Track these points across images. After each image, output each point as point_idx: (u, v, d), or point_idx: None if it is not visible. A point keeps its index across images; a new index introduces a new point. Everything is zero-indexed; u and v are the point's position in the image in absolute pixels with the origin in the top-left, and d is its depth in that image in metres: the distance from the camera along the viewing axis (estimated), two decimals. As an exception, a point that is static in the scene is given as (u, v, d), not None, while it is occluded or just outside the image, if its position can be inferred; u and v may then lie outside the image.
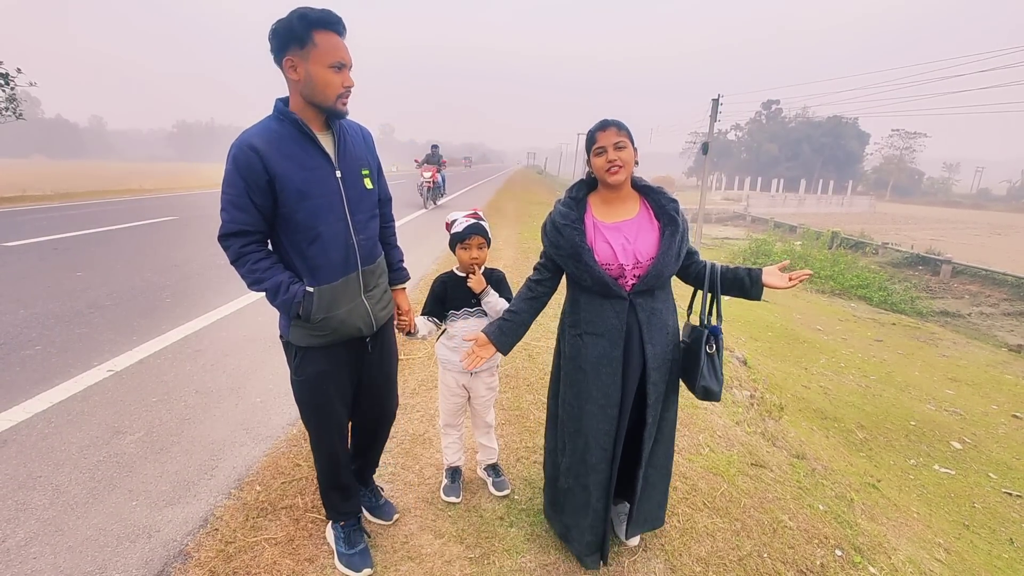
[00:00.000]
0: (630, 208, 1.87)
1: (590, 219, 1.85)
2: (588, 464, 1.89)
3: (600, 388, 1.84)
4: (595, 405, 1.85)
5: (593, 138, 1.80)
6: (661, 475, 2.02)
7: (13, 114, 13.81)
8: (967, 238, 29.96)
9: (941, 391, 7.28)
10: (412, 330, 2.13)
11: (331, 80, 1.51)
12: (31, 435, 2.70)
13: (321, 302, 1.63)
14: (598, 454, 1.87)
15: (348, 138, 1.69)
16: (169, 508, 2.25)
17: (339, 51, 1.51)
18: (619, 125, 1.78)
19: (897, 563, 2.48)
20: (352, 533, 1.94)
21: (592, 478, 1.89)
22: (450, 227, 2.21)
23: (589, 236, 1.82)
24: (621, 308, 1.80)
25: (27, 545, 2.00)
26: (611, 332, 1.81)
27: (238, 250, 1.58)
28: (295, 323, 1.67)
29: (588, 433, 1.87)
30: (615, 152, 1.76)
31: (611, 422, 1.85)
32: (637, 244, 1.80)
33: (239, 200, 1.53)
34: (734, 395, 4.33)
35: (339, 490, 1.95)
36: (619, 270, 1.79)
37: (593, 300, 1.83)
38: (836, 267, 16.80)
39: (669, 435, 1.99)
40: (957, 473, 4.82)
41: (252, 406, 3.17)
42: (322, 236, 1.60)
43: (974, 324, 13.46)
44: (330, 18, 1.49)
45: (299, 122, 1.55)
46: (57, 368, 3.46)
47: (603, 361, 1.83)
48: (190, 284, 5.72)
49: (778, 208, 44.23)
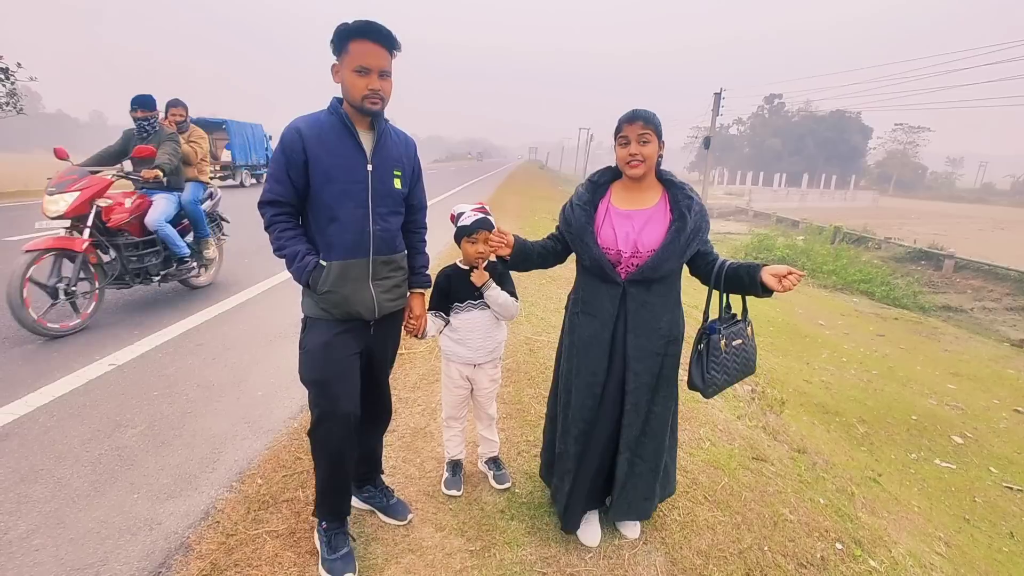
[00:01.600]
0: (649, 198, 1.90)
1: (605, 204, 1.93)
2: (571, 434, 2.00)
3: (588, 365, 1.95)
4: (582, 380, 1.96)
5: (620, 128, 1.83)
6: (649, 468, 2.01)
7: (14, 109, 13.78)
8: (970, 233, 29.85)
9: (943, 386, 7.27)
10: (421, 335, 2.13)
11: (355, 83, 1.67)
12: (33, 428, 2.71)
13: (329, 276, 1.75)
14: (580, 426, 1.98)
15: (389, 140, 1.85)
16: (171, 501, 2.26)
17: (364, 57, 1.65)
18: (647, 118, 1.79)
19: (897, 556, 2.48)
20: (335, 537, 1.91)
21: (572, 448, 2.01)
22: (455, 219, 2.20)
23: (598, 219, 1.90)
24: (615, 293, 1.87)
25: (29, 537, 2.00)
26: (603, 314, 1.90)
27: (271, 218, 1.78)
28: (306, 292, 1.83)
29: (574, 404, 1.98)
30: (638, 146, 1.78)
31: (595, 399, 1.95)
32: (642, 234, 1.83)
33: (279, 174, 1.73)
34: (735, 389, 4.33)
35: (333, 489, 1.91)
36: (617, 256, 1.85)
37: (592, 281, 1.93)
38: (838, 262, 16.76)
39: (659, 430, 1.98)
40: (958, 467, 4.82)
41: (253, 400, 3.17)
42: (340, 218, 1.75)
43: (976, 319, 13.43)
44: (362, 28, 1.64)
45: (343, 117, 1.74)
46: (59, 362, 3.46)
47: (593, 341, 1.93)
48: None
49: (780, 203, 44.10)
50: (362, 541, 2.07)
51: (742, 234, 23.70)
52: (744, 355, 1.98)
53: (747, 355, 1.99)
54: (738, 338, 1.96)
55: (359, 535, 2.09)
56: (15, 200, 11.79)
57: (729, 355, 1.92)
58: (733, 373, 1.96)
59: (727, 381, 1.95)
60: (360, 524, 2.16)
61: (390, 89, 1.74)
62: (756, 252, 18.24)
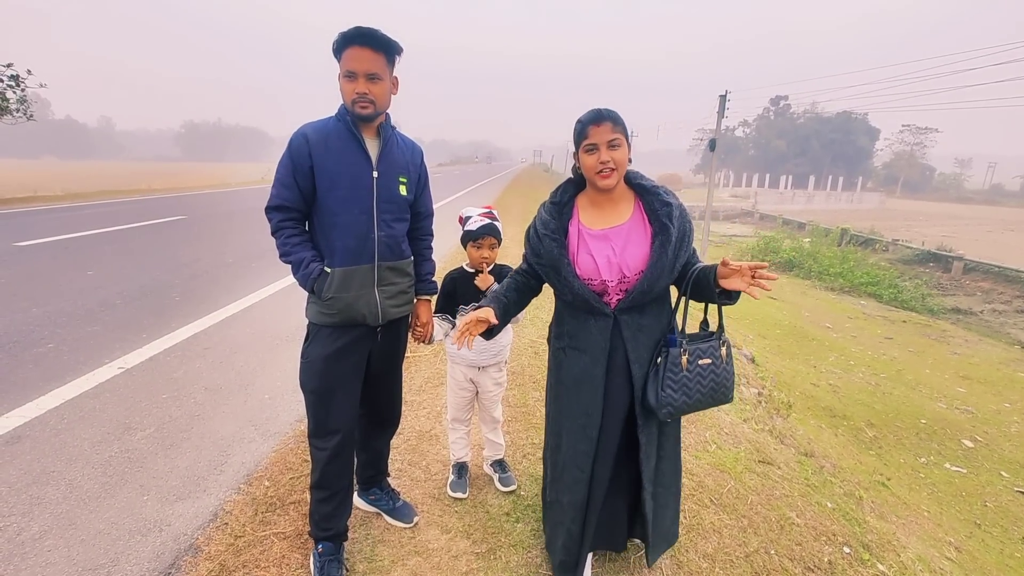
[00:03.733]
0: (622, 211, 1.67)
1: (575, 226, 1.68)
2: (563, 483, 1.77)
3: (580, 406, 1.70)
4: (575, 423, 1.72)
5: (584, 132, 1.58)
6: (670, 491, 1.85)
7: (24, 115, 13.97)
8: (979, 234, 29.59)
9: (952, 389, 7.20)
10: (428, 341, 2.13)
11: (345, 87, 1.70)
12: (44, 431, 2.74)
13: (333, 282, 1.76)
14: (574, 474, 1.73)
15: (394, 147, 1.85)
16: (180, 503, 2.28)
17: (353, 62, 1.66)
18: (615, 119, 1.57)
19: (906, 561, 2.46)
20: (328, 564, 1.86)
21: (567, 497, 1.76)
22: (463, 222, 2.21)
23: (572, 247, 1.66)
24: (605, 325, 1.64)
25: (42, 538, 2.03)
26: (594, 349, 1.66)
27: (277, 223, 1.78)
28: (311, 299, 1.83)
29: (567, 451, 1.74)
30: (608, 152, 1.55)
31: (590, 443, 1.70)
32: (624, 256, 1.62)
33: (286, 179, 1.74)
34: (742, 393, 4.31)
35: (325, 500, 1.87)
36: (602, 286, 1.63)
37: (577, 314, 1.69)
38: (845, 264, 16.66)
39: (673, 450, 1.83)
40: (968, 471, 4.78)
41: (260, 403, 3.20)
42: (344, 224, 1.76)
43: (986, 321, 13.31)
44: (350, 34, 1.65)
45: (350, 123, 1.74)
46: (69, 365, 3.51)
47: (584, 378, 1.69)
48: (198, 283, 5.77)
49: (786, 205, 43.91)
50: (368, 543, 2.08)
51: (748, 236, 23.61)
52: (714, 378, 1.67)
53: (718, 379, 1.67)
54: (706, 357, 1.66)
55: (366, 537, 2.10)
56: (27, 206, 11.94)
57: (693, 375, 1.63)
58: (696, 396, 1.64)
59: (687, 404, 1.64)
60: (366, 526, 2.17)
61: (382, 92, 1.71)
62: (762, 255, 18.17)
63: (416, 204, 1.98)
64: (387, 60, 1.71)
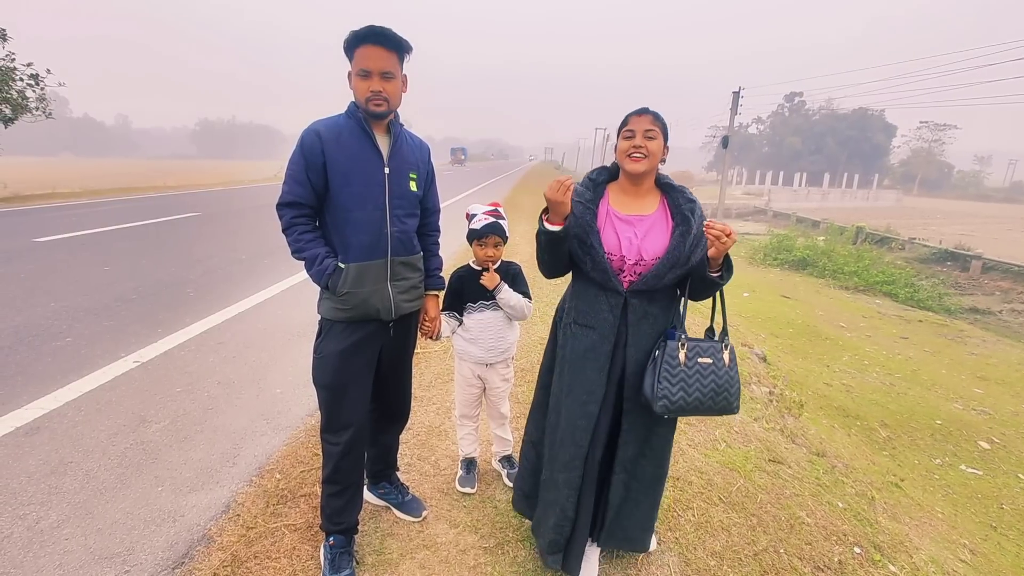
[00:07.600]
0: (648, 204, 1.78)
1: (604, 206, 1.78)
2: (560, 460, 1.81)
3: (583, 383, 1.76)
4: (575, 400, 1.78)
5: (626, 121, 1.74)
6: (646, 491, 1.85)
7: (43, 113, 14.22)
8: (999, 233, 29.00)
9: (969, 390, 7.08)
10: (436, 336, 2.15)
11: (358, 85, 1.71)
12: (62, 423, 2.80)
13: (347, 278, 1.77)
14: (572, 451, 1.78)
15: (404, 144, 1.87)
16: (193, 494, 2.32)
17: (365, 60, 1.68)
18: (656, 116, 1.71)
19: (919, 562, 2.43)
20: (339, 556, 1.88)
21: (563, 476, 1.80)
22: (470, 219, 2.22)
23: (600, 221, 1.75)
24: (616, 303, 1.72)
25: (59, 527, 2.08)
26: (603, 325, 1.73)
27: (290, 220, 1.79)
28: (324, 295, 1.84)
29: (564, 427, 1.80)
30: (643, 139, 1.68)
31: (590, 419, 1.76)
32: (645, 241, 1.71)
33: (298, 175, 1.74)
34: (752, 391, 4.28)
35: (337, 494, 1.89)
36: (620, 263, 1.71)
37: (590, 290, 1.77)
38: (860, 263, 16.40)
39: (660, 450, 1.84)
40: (985, 473, 4.69)
41: (272, 397, 3.24)
42: (357, 219, 1.77)
43: (1005, 321, 13.05)
44: (363, 33, 1.67)
45: (361, 120, 1.76)
46: (86, 359, 3.57)
47: (590, 354, 1.75)
48: (212, 278, 5.84)
49: (801, 203, 43.32)
50: (377, 536, 2.10)
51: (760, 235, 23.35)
52: (715, 379, 1.66)
53: (719, 381, 1.66)
54: (707, 356, 1.68)
55: (375, 531, 2.13)
56: (45, 202, 12.17)
57: (692, 371, 1.65)
58: (696, 395, 1.64)
59: (685, 401, 1.63)
60: (376, 520, 2.19)
61: (395, 90, 1.74)
62: (775, 253, 17.95)
63: (424, 200, 2.00)
64: (399, 59, 1.73)
